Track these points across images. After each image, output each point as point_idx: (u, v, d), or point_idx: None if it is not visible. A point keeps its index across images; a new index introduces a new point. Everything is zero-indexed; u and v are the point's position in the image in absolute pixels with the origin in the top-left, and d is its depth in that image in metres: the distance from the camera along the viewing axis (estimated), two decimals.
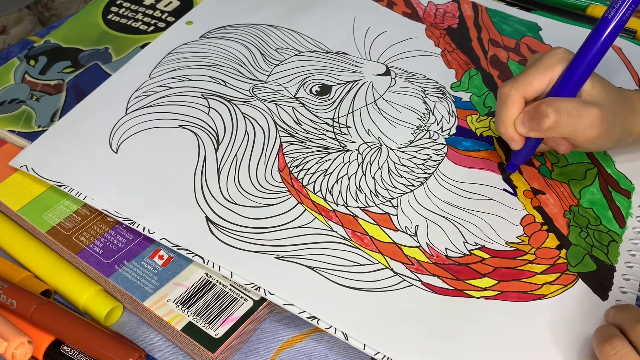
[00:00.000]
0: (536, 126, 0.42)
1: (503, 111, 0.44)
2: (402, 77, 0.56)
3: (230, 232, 0.44)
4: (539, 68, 0.43)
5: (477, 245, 0.44)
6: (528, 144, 0.45)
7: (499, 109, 0.44)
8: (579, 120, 0.42)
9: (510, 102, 0.43)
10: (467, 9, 0.63)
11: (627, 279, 0.42)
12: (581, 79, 0.42)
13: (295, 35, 0.60)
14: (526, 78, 0.43)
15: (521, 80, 0.43)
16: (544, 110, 0.41)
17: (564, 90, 0.42)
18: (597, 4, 0.66)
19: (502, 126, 0.44)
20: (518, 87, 0.43)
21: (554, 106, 0.41)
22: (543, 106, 0.42)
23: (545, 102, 0.42)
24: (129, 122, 0.52)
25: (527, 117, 0.43)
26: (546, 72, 0.43)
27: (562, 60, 0.43)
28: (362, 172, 0.48)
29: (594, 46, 0.41)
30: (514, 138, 0.44)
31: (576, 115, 0.41)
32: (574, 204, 0.47)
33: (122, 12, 0.65)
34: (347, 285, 0.41)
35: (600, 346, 0.36)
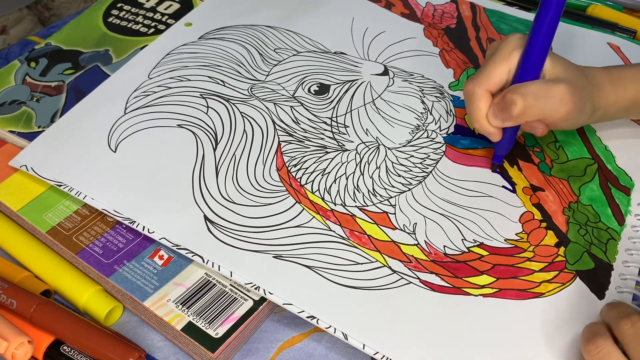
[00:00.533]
0: (507, 116, 0.43)
1: (472, 108, 0.44)
2: (400, 77, 0.56)
3: (228, 231, 0.44)
4: (495, 59, 0.44)
5: (475, 243, 0.44)
6: (506, 133, 0.45)
7: (468, 107, 0.45)
8: (547, 100, 0.42)
9: (477, 98, 0.44)
10: (465, 9, 0.64)
11: (624, 278, 0.42)
12: (539, 61, 0.43)
13: (293, 35, 0.60)
14: (486, 72, 0.44)
15: (482, 75, 0.44)
16: (510, 98, 0.42)
17: (525, 75, 0.43)
18: (597, 3, 0.66)
19: (476, 123, 0.45)
20: (480, 82, 0.44)
21: (518, 92, 0.42)
22: (508, 95, 0.42)
23: (510, 90, 0.42)
24: (127, 122, 0.52)
25: (497, 109, 0.43)
26: (504, 62, 0.43)
27: (517, 47, 0.43)
28: (360, 172, 0.48)
29: (543, 24, 0.41)
30: (491, 131, 0.45)
31: (543, 96, 0.42)
32: (574, 201, 0.47)
33: (122, 15, 0.65)
34: (345, 284, 0.41)
35: (584, 346, 0.36)
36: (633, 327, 0.35)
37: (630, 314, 0.36)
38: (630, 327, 0.35)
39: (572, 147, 0.51)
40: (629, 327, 0.35)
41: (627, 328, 0.35)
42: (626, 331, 0.35)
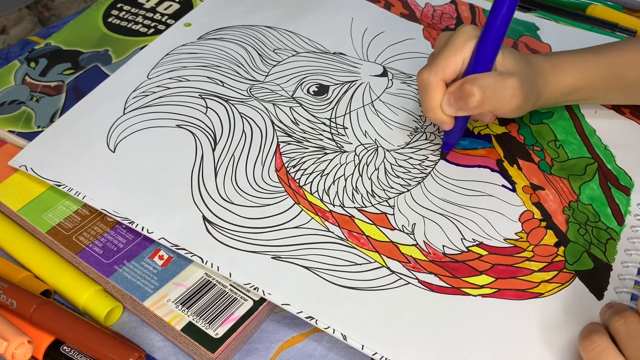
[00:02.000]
0: (463, 105, 0.43)
1: (427, 98, 0.44)
2: (399, 79, 0.56)
3: (227, 231, 0.44)
4: (450, 49, 0.44)
5: (474, 242, 0.44)
6: (458, 122, 0.46)
7: (423, 95, 0.45)
8: (501, 93, 0.43)
9: (432, 87, 0.44)
10: (465, 10, 0.64)
11: (623, 278, 0.43)
12: (493, 53, 0.43)
13: (292, 36, 0.60)
14: (441, 61, 0.44)
15: (437, 64, 0.44)
16: (469, 89, 0.42)
17: (479, 66, 0.43)
18: (597, 3, 0.66)
19: (430, 112, 0.45)
20: (436, 71, 0.44)
21: (478, 84, 0.42)
22: (467, 86, 0.43)
23: (468, 81, 0.43)
24: (126, 122, 0.52)
25: (452, 98, 0.44)
26: (458, 52, 0.44)
27: (471, 38, 0.44)
28: (358, 174, 0.48)
29: (498, 16, 0.42)
30: (444, 120, 0.45)
31: (499, 88, 0.43)
32: (574, 200, 0.47)
33: (122, 15, 0.65)
34: (344, 285, 0.42)
35: (580, 342, 0.36)
36: (625, 323, 0.35)
37: (623, 310, 0.36)
38: (622, 324, 0.35)
39: (572, 146, 0.51)
40: (621, 323, 0.35)
41: (620, 324, 0.35)
42: (619, 327, 0.35)
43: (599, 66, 0.48)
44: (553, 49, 0.59)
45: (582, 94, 0.49)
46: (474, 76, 0.43)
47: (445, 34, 0.46)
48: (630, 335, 0.34)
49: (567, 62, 0.48)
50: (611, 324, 0.36)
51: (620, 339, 0.35)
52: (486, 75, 0.43)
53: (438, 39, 0.47)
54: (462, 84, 0.43)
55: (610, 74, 0.49)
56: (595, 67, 0.48)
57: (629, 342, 0.34)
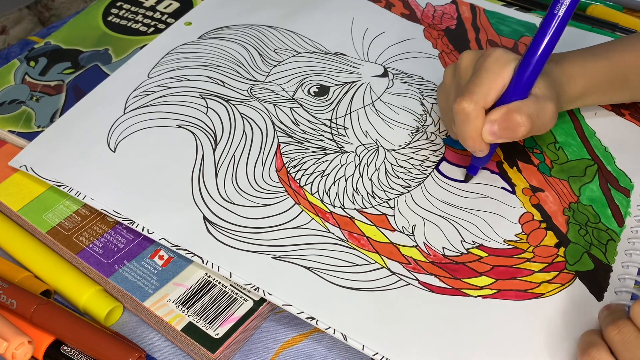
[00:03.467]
0: (511, 135, 0.42)
1: (468, 128, 0.43)
2: (399, 79, 0.56)
3: (227, 231, 0.44)
4: (489, 76, 0.43)
5: (474, 244, 0.44)
6: (491, 148, 0.45)
7: (463, 126, 0.43)
8: (544, 120, 0.43)
9: (473, 117, 0.42)
10: (465, 10, 0.64)
11: (623, 279, 0.43)
12: (534, 79, 0.43)
13: (293, 36, 0.60)
14: (482, 89, 0.43)
15: (478, 93, 0.42)
16: (519, 120, 0.42)
17: (519, 92, 0.43)
18: (597, 3, 0.66)
19: (470, 140, 0.43)
20: (477, 100, 0.42)
21: (525, 114, 0.42)
22: (517, 116, 0.42)
23: (514, 110, 0.42)
24: (127, 122, 0.52)
25: (497, 127, 0.42)
26: (499, 78, 0.43)
27: (508, 62, 0.43)
28: (359, 174, 0.48)
29: (542, 43, 0.42)
30: (482, 148, 0.44)
31: (542, 116, 0.43)
32: (574, 201, 0.47)
33: (122, 14, 0.65)
34: (344, 285, 0.42)
35: (579, 357, 0.37)
36: (620, 333, 0.35)
37: (618, 319, 0.35)
38: (617, 334, 0.35)
39: (572, 148, 0.51)
40: (616, 333, 0.35)
41: (615, 334, 0.35)
42: (614, 337, 0.35)
43: (604, 71, 0.48)
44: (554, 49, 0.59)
45: (589, 99, 0.49)
46: (518, 105, 0.42)
47: (469, 55, 0.45)
48: (625, 345, 0.34)
49: (575, 69, 0.47)
50: (606, 334, 0.36)
51: (616, 349, 0.35)
52: (529, 102, 0.42)
53: (462, 59, 0.46)
54: (508, 112, 0.42)
55: (615, 77, 0.49)
56: (600, 72, 0.48)
57: (624, 352, 0.34)
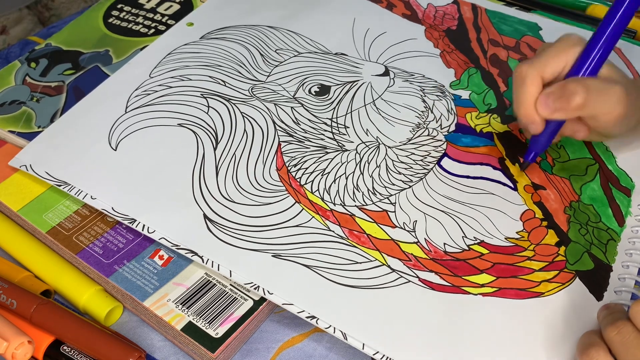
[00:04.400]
0: (565, 105, 0.41)
1: (522, 91, 0.42)
2: (401, 77, 0.56)
3: (227, 230, 0.44)
4: (553, 51, 0.43)
5: (476, 240, 0.44)
6: (548, 128, 0.44)
7: (517, 89, 0.43)
8: (606, 97, 0.41)
9: (529, 81, 0.42)
10: (467, 10, 0.63)
11: (623, 279, 0.42)
12: (600, 60, 0.42)
13: (294, 36, 0.60)
14: (543, 59, 0.42)
15: (538, 61, 0.42)
16: (573, 88, 0.40)
17: (582, 71, 0.42)
18: (597, 3, 0.66)
19: (522, 107, 0.43)
20: (536, 66, 0.42)
21: (583, 84, 0.41)
22: (572, 84, 0.41)
23: (573, 80, 0.41)
24: (128, 120, 0.52)
25: (552, 97, 0.41)
26: (562, 54, 0.42)
27: (577, 44, 0.42)
28: (360, 171, 0.48)
29: (610, 24, 0.41)
30: (535, 120, 0.43)
31: (604, 93, 0.41)
32: (575, 200, 0.47)
33: (122, 16, 0.65)
34: (344, 284, 0.41)
35: (578, 357, 0.36)
36: (619, 334, 0.34)
37: (618, 320, 0.35)
38: (616, 334, 0.35)
39: (573, 147, 0.50)
40: (615, 333, 0.35)
41: (614, 335, 0.35)
42: (613, 338, 0.35)
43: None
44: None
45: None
46: (579, 77, 0.41)
47: (547, 43, 0.45)
48: (625, 345, 0.34)
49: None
50: (606, 335, 0.35)
51: (615, 350, 0.35)
52: (591, 78, 0.41)
53: (540, 46, 0.46)
54: (565, 83, 0.41)
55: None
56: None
57: (624, 352, 0.34)
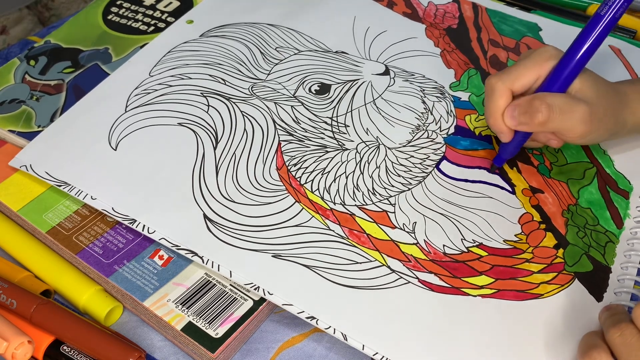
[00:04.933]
0: (528, 120, 0.42)
1: (490, 103, 0.44)
2: (401, 77, 0.56)
3: (227, 229, 0.44)
4: (527, 63, 0.43)
5: (474, 243, 0.44)
6: (516, 137, 0.45)
7: (486, 100, 0.44)
8: (569, 116, 0.42)
9: (498, 94, 0.43)
10: (467, 9, 0.63)
11: (622, 280, 0.43)
12: (570, 77, 0.42)
13: (295, 34, 0.60)
14: (514, 71, 0.43)
15: (509, 74, 0.43)
16: (537, 105, 0.42)
17: (553, 86, 0.43)
18: (597, 3, 0.66)
19: (491, 118, 0.44)
20: (505, 79, 0.43)
21: (546, 102, 0.41)
22: (536, 102, 0.42)
23: (538, 97, 0.42)
24: (128, 120, 0.52)
25: (517, 110, 0.43)
26: (535, 67, 0.43)
27: (551, 57, 0.43)
28: (360, 171, 0.48)
29: (584, 43, 0.41)
30: (502, 130, 0.44)
31: (567, 111, 0.42)
32: (573, 203, 0.47)
33: (122, 13, 0.65)
34: (344, 284, 0.42)
35: (580, 358, 0.37)
36: (622, 336, 0.35)
37: (620, 321, 0.36)
38: (619, 336, 0.35)
39: (571, 150, 0.51)
40: (617, 335, 0.35)
41: (617, 337, 0.35)
42: (615, 340, 0.35)
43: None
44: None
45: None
46: (544, 94, 0.42)
47: (529, 50, 0.46)
48: (627, 347, 0.34)
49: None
50: (608, 337, 0.36)
51: (617, 352, 0.35)
52: (557, 95, 0.42)
53: (522, 54, 0.46)
54: (531, 98, 0.42)
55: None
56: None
57: (626, 354, 0.34)
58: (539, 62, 0.43)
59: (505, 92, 0.43)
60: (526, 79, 0.43)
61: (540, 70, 0.43)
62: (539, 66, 0.43)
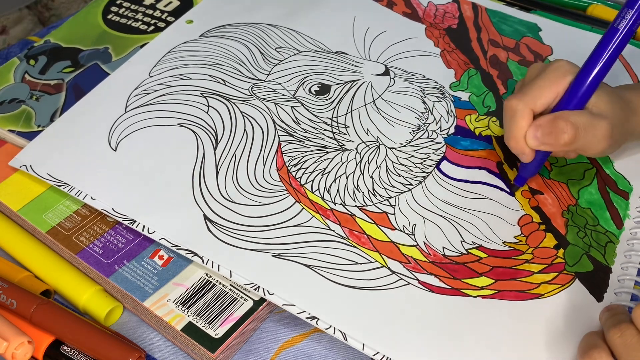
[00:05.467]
0: (553, 141, 0.42)
1: (512, 125, 0.43)
2: (401, 77, 0.56)
3: (227, 230, 0.44)
4: (545, 81, 0.43)
5: (474, 245, 0.44)
6: (537, 156, 0.44)
7: (508, 123, 0.43)
8: (592, 134, 0.42)
9: (519, 116, 0.43)
10: (467, 9, 0.63)
11: (622, 280, 0.43)
12: (589, 92, 0.42)
13: (295, 34, 0.60)
14: (534, 92, 0.43)
15: (528, 94, 0.43)
16: (562, 126, 0.41)
17: (572, 103, 0.42)
18: (597, 3, 0.66)
19: (513, 140, 0.43)
20: (527, 100, 0.42)
21: (571, 122, 0.41)
22: (561, 122, 0.41)
23: (561, 117, 0.41)
24: (128, 120, 0.52)
25: (540, 131, 0.42)
26: (553, 85, 0.42)
27: (567, 73, 0.43)
28: (360, 172, 0.48)
29: (601, 57, 0.41)
30: (525, 152, 0.43)
31: (591, 130, 0.41)
32: (572, 204, 0.47)
33: (122, 12, 0.65)
34: (344, 284, 0.42)
35: (580, 359, 0.37)
36: (622, 336, 0.35)
37: (620, 322, 0.36)
38: (619, 337, 0.35)
39: None
40: (618, 336, 0.35)
41: (617, 337, 0.35)
42: (616, 340, 0.35)
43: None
44: (554, 50, 0.59)
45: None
46: (567, 113, 0.41)
47: (538, 65, 0.45)
48: (627, 348, 0.34)
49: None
50: (609, 337, 0.36)
51: (617, 353, 0.35)
52: (579, 113, 0.42)
53: (530, 68, 0.46)
54: (554, 119, 0.42)
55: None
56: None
57: (626, 355, 0.34)
58: (556, 80, 0.43)
59: (527, 114, 0.42)
60: (546, 99, 0.43)
61: (558, 88, 0.42)
62: (557, 83, 0.42)
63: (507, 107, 0.43)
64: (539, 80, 0.43)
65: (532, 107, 0.43)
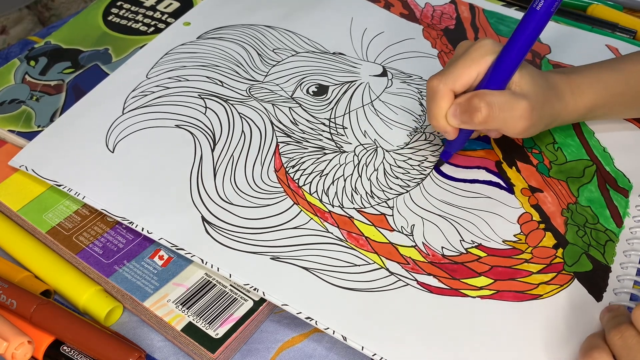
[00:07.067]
0: (468, 119, 0.43)
1: (433, 105, 0.44)
2: (398, 79, 0.56)
3: (225, 232, 0.44)
4: (466, 61, 0.43)
5: (473, 244, 0.44)
6: (461, 134, 0.45)
7: (429, 102, 0.44)
8: (509, 114, 0.42)
9: (439, 96, 0.43)
10: (464, 10, 0.64)
11: (622, 280, 0.43)
12: (510, 72, 0.42)
13: (292, 35, 0.60)
14: (454, 71, 0.43)
15: (449, 74, 0.43)
16: (476, 104, 0.42)
17: (493, 83, 0.43)
18: (597, 3, 0.66)
19: (434, 120, 0.44)
20: (446, 80, 0.43)
21: (485, 100, 0.42)
22: (475, 100, 0.42)
23: (477, 95, 0.42)
24: (125, 122, 0.52)
25: (458, 110, 0.43)
26: (474, 65, 0.43)
27: (489, 53, 0.43)
28: (357, 174, 0.48)
29: (521, 38, 0.41)
30: (447, 130, 0.44)
31: (507, 109, 0.42)
32: (572, 202, 0.47)
33: (122, 14, 0.65)
34: (343, 286, 0.42)
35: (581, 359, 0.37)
36: (622, 338, 0.35)
37: (621, 323, 0.36)
38: (619, 338, 0.35)
39: (571, 149, 0.51)
40: (618, 337, 0.35)
41: (617, 339, 0.35)
42: (616, 342, 0.35)
43: (616, 84, 0.47)
44: (553, 49, 0.59)
45: (600, 112, 0.49)
46: (484, 92, 0.42)
47: (465, 43, 0.46)
48: (627, 349, 0.34)
49: (585, 81, 0.47)
50: (609, 338, 0.36)
51: (618, 354, 0.35)
52: (497, 93, 0.42)
53: (458, 47, 0.46)
54: (470, 97, 0.42)
55: (627, 91, 0.48)
56: (613, 85, 0.47)
57: (626, 356, 0.35)
58: (477, 59, 0.43)
59: (447, 94, 0.43)
60: (466, 78, 0.43)
61: (479, 67, 0.43)
62: (478, 63, 0.43)
63: (428, 87, 0.44)
64: (461, 60, 0.43)
65: (451, 88, 0.43)
